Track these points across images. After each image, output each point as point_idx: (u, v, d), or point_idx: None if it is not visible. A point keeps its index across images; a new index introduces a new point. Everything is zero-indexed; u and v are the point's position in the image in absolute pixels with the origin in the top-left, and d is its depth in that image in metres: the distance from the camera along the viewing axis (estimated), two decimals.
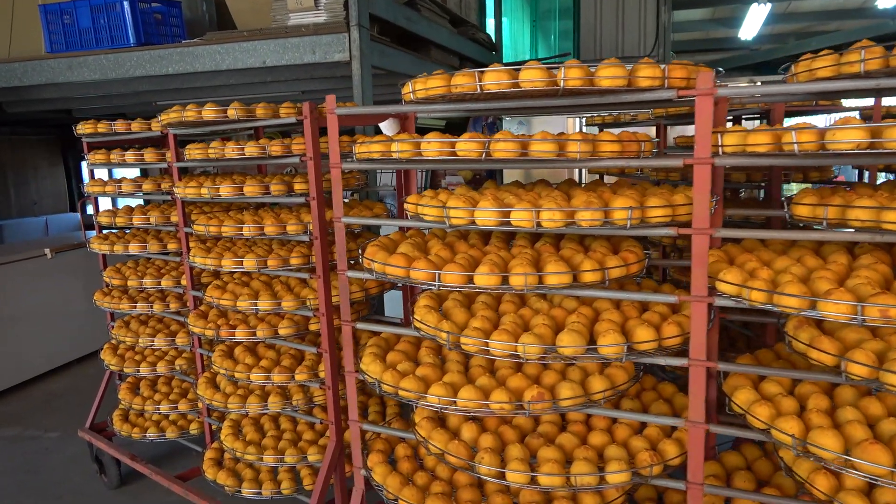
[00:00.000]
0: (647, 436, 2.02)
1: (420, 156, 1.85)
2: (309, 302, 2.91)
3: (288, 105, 2.90)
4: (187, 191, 3.09)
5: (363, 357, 2.29)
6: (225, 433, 3.29)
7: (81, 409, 5.32)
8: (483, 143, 1.75)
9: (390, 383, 2.05)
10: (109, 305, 3.84)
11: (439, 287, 1.89)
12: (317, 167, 2.73)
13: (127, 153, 3.53)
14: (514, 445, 1.96)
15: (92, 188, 3.79)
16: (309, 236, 2.82)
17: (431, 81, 1.85)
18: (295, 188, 2.97)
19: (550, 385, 1.95)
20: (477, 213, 1.80)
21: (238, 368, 3.04)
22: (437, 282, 1.88)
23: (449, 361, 2.19)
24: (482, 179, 7.54)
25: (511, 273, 1.84)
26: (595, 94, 1.75)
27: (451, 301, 2.19)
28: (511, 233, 2.36)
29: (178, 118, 2.97)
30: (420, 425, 2.14)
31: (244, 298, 2.97)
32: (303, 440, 3.18)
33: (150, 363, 3.79)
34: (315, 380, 2.98)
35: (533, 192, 2.08)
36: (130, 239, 3.85)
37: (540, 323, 1.92)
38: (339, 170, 2.19)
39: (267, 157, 2.84)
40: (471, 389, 1.91)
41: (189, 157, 3.03)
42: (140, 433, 3.88)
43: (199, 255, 3.12)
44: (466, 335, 1.88)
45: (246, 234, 2.89)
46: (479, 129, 7.36)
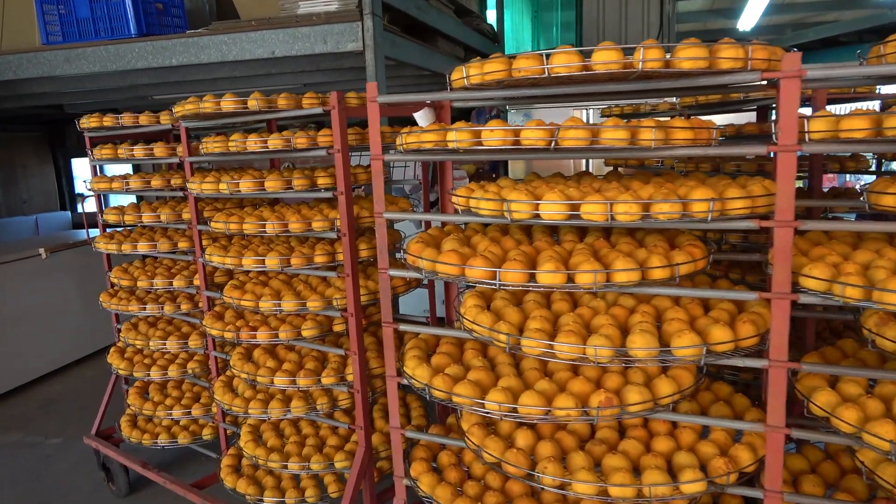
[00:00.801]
0: (714, 441, 1.91)
1: (479, 146, 1.72)
2: (336, 302, 2.78)
3: (311, 95, 2.76)
4: (204, 186, 2.93)
5: (406, 361, 2.16)
6: (244, 440, 3.15)
7: (82, 413, 5.16)
8: (551, 132, 1.62)
9: (442, 388, 1.93)
10: (117, 307, 3.67)
11: (499, 286, 1.77)
12: (345, 160, 2.59)
13: (136, 148, 3.37)
14: (577, 454, 1.84)
15: (98, 185, 3.63)
16: (337, 233, 2.68)
17: (489, 66, 1.72)
18: (318, 182, 2.83)
19: (614, 389, 1.84)
20: (543, 207, 1.67)
21: (261, 372, 2.89)
22: (496, 280, 1.76)
23: (500, 364, 2.07)
24: (485, 174, 7.42)
25: (577, 271, 1.72)
26: (671, 78, 1.64)
27: (501, 300, 2.07)
28: (552, 227, 2.25)
29: (195, 110, 2.81)
30: (471, 433, 2.02)
31: (267, 299, 2.82)
32: (328, 446, 3.05)
33: (160, 367, 3.63)
34: (342, 383, 2.85)
35: (580, 185, 1.96)
36: (138, 238, 3.69)
37: (605, 323, 1.80)
38: (380, 162, 2.05)
39: (292, 150, 2.70)
40: (533, 395, 1.79)
41: (207, 151, 2.88)
42: (151, 439, 3.72)
43: (216, 254, 2.97)
44: (528, 337, 1.76)
45: (269, 232, 2.75)
46: (482, 122, 7.23)
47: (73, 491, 4.01)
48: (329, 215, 2.77)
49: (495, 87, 1.82)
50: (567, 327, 1.78)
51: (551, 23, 8.28)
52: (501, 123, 1.76)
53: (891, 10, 9.70)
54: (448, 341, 2.27)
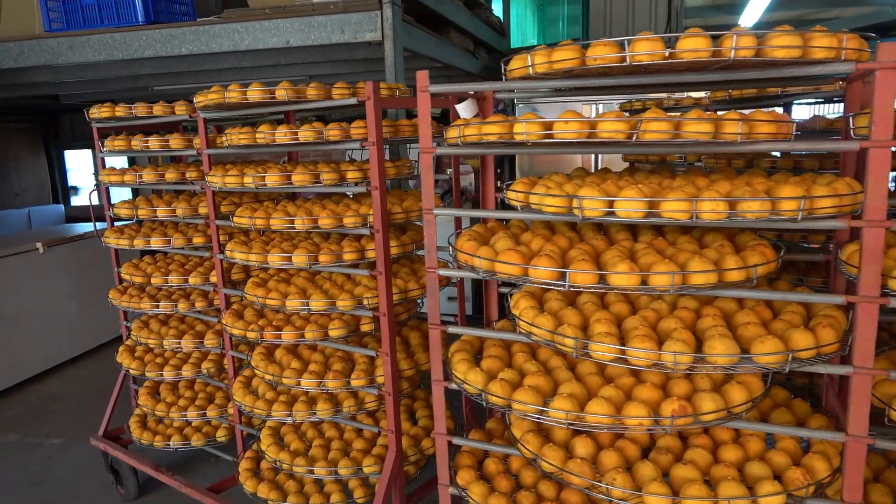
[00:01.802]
0: (784, 450, 1.83)
1: (550, 138, 1.62)
2: (366, 301, 2.67)
3: (342, 85, 2.64)
4: (227, 180, 2.81)
5: (455, 365, 2.05)
6: (266, 443, 3.03)
7: (82, 413, 5.01)
8: (633, 124, 1.52)
9: (500, 395, 1.82)
10: (128, 304, 3.54)
11: (568, 288, 1.67)
12: (380, 153, 2.48)
13: (151, 139, 3.23)
14: (644, 464, 1.75)
15: (108, 177, 3.48)
16: (370, 229, 2.57)
17: (559, 54, 1.62)
18: (347, 177, 2.71)
19: (683, 396, 1.75)
20: (619, 204, 1.57)
21: (286, 374, 2.78)
22: (565, 282, 1.66)
23: (554, 369, 1.97)
24: None
25: (653, 272, 1.62)
26: (758, 67, 1.54)
27: (556, 301, 1.97)
28: (599, 224, 2.16)
29: (218, 100, 2.68)
30: (526, 440, 1.92)
31: (294, 297, 2.71)
32: (354, 449, 2.94)
33: (173, 366, 3.50)
34: (372, 385, 2.74)
35: (641, 181, 1.86)
36: (149, 233, 3.55)
37: (676, 327, 1.71)
38: (430, 156, 1.94)
39: (324, 143, 2.58)
40: (602, 403, 1.69)
41: (232, 143, 2.75)
42: (162, 441, 3.60)
43: (238, 250, 2.85)
44: (599, 342, 1.66)
45: (299, 228, 2.63)
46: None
47: (78, 494, 3.87)
48: (359, 210, 2.66)
49: (561, 77, 1.72)
50: (637, 332, 1.68)
51: (557, 16, 8.18)
52: (621, 115, 1.65)
53: (892, 7, 9.69)
54: (495, 343, 2.17)
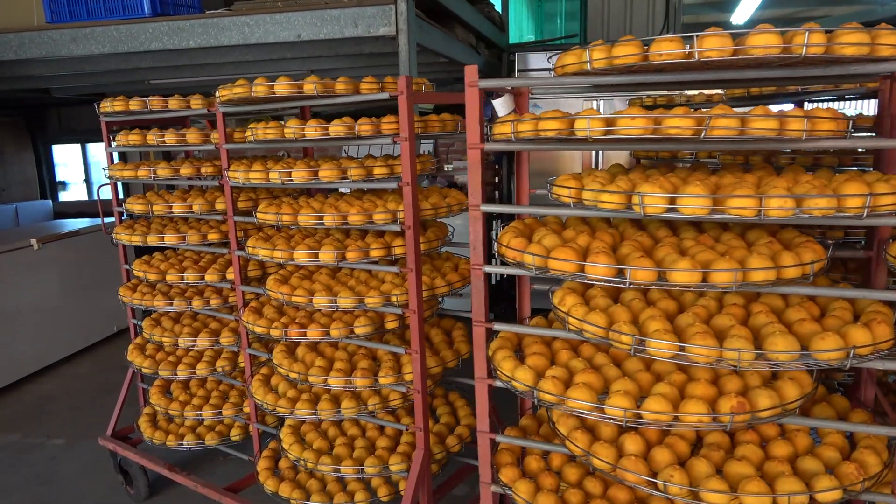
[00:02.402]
0: (833, 444, 1.84)
1: (612, 134, 1.60)
2: (395, 298, 2.64)
3: (370, 80, 2.61)
4: (252, 175, 2.76)
5: (500, 362, 2.04)
6: (288, 442, 3.00)
7: (81, 412, 4.93)
8: (701, 120, 1.52)
9: (553, 392, 1.81)
10: (140, 302, 3.47)
11: (629, 285, 1.66)
12: (412, 149, 2.46)
13: (167, 133, 3.17)
14: (699, 461, 1.75)
15: (121, 173, 3.41)
16: (400, 226, 2.55)
17: (620, 49, 1.61)
18: (374, 172, 2.68)
19: (738, 392, 1.75)
20: (684, 201, 1.57)
21: (312, 371, 2.75)
22: (626, 279, 1.65)
23: (602, 366, 1.96)
24: (489, 165, 7.29)
25: (714, 269, 1.62)
26: (824, 64, 1.55)
27: (601, 299, 1.96)
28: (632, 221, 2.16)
29: (243, 94, 2.64)
30: (574, 437, 1.91)
31: (321, 295, 2.67)
32: (379, 448, 2.92)
33: (187, 365, 3.45)
34: (400, 383, 2.72)
35: (688, 177, 1.86)
36: (161, 229, 3.49)
37: (732, 324, 1.71)
38: (478, 152, 1.92)
39: (354, 138, 2.55)
40: (660, 401, 1.69)
41: (259, 138, 2.70)
42: (175, 441, 3.54)
43: (261, 247, 2.81)
44: (658, 339, 1.66)
45: (328, 224, 2.60)
46: (488, 114, 7.12)
47: (86, 495, 3.80)
48: (387, 206, 2.64)
49: (618, 73, 1.71)
50: (695, 329, 1.68)
51: (554, 13, 8.19)
52: (688, 111, 1.63)
53: (881, 5, 9.83)
54: (535, 340, 2.15)
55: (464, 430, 3.04)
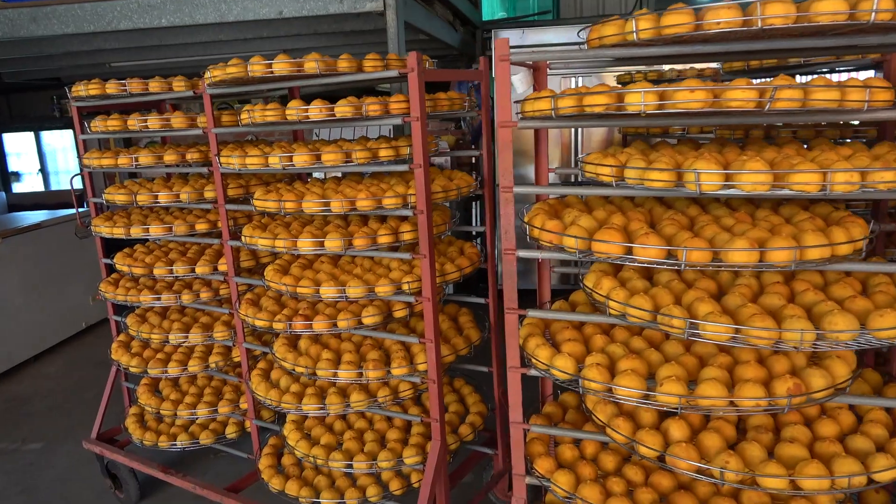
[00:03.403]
0: (878, 421, 1.81)
1: (664, 108, 1.52)
2: (407, 286, 2.53)
3: (374, 57, 2.47)
4: (249, 161, 2.61)
5: (534, 351, 1.96)
6: (293, 438, 2.88)
7: (56, 414, 4.71)
8: (765, 92, 1.44)
9: (599, 381, 1.74)
10: (125, 297, 3.28)
11: (685, 267, 1.59)
12: (423, 129, 2.34)
13: (150, 118, 2.97)
14: (751, 445, 1.70)
15: (98, 161, 3.20)
16: (412, 210, 2.43)
17: (671, 18, 1.52)
18: (380, 155, 2.56)
19: (787, 373, 1.70)
20: (742, 178, 1.50)
21: (321, 365, 2.63)
22: (681, 261, 1.58)
23: (643, 351, 1.90)
24: (465, 145, 7.17)
25: (770, 248, 1.56)
26: (880, 32, 1.48)
27: (639, 281, 1.89)
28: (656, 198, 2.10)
29: (238, 74, 2.47)
30: (617, 425, 1.85)
31: (329, 285, 2.55)
32: (390, 440, 2.82)
33: (178, 362, 3.28)
34: (414, 374, 2.62)
35: (732, 152, 1.80)
36: (143, 219, 3.30)
37: (782, 304, 1.66)
38: (509, 131, 1.82)
39: (363, 119, 2.41)
40: (715, 385, 1.63)
41: (257, 121, 2.54)
42: (168, 441, 3.39)
43: (259, 236, 2.66)
44: (714, 322, 1.59)
45: (335, 210, 2.47)
46: (464, 90, 6.98)
47: (73, 501, 3.62)
48: (396, 190, 2.51)
49: (666, 43, 1.62)
50: (749, 309, 1.62)
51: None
52: (749, 82, 1.55)
53: None
54: (566, 325, 2.08)
55: (475, 419, 2.97)
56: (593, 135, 6.14)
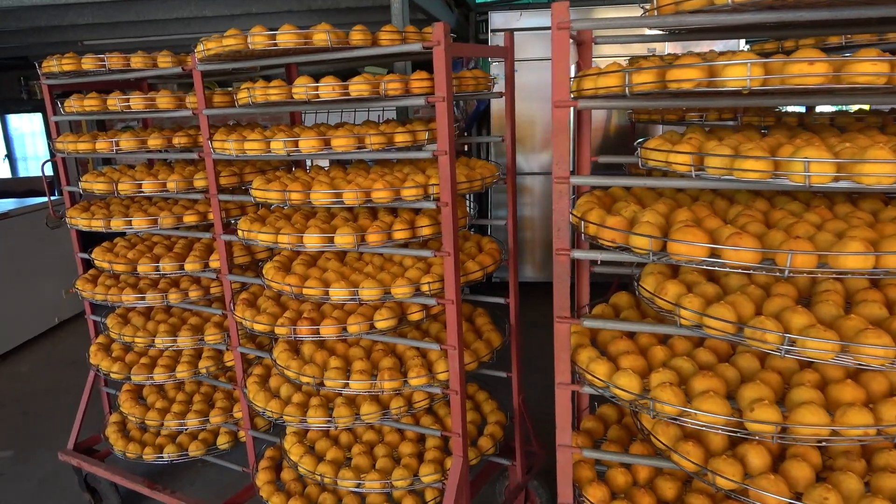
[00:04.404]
0: None
1: (779, 84, 1.27)
2: (428, 287, 2.27)
3: (390, 29, 2.19)
4: (248, 146, 2.31)
5: (588, 365, 1.71)
6: (296, 453, 2.61)
7: (28, 419, 4.37)
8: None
9: (674, 403, 1.50)
10: (105, 297, 2.97)
11: (789, 274, 1.35)
12: (450, 110, 2.07)
13: (133, 97, 2.65)
14: (847, 477, 1.48)
15: (73, 146, 2.87)
16: (435, 203, 2.16)
17: None
18: (396, 140, 2.28)
19: (885, 393, 1.48)
20: (869, 168, 1.25)
21: (330, 375, 2.36)
22: (786, 267, 1.34)
23: (715, 367, 1.66)
24: (459, 130, 6.89)
25: (886, 252, 1.33)
26: None
27: (708, 285, 1.65)
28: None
29: (237, 46, 2.17)
30: (685, 450, 1.61)
31: (340, 286, 2.27)
32: (404, 455, 2.57)
33: (165, 367, 2.99)
34: (434, 384, 2.36)
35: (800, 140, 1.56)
36: (124, 210, 2.99)
37: (883, 314, 1.43)
38: (565, 112, 1.56)
39: (381, 98, 2.13)
40: (815, 412, 1.40)
41: (258, 100, 2.25)
42: (153, 453, 3.09)
43: (259, 230, 2.37)
44: (817, 337, 1.36)
45: (348, 202, 2.19)
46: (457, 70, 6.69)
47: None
48: (415, 179, 2.24)
49: (760, 9, 1.36)
50: (853, 322, 1.39)
51: None
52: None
53: None
54: (619, 335, 1.84)
55: (495, 429, 2.73)
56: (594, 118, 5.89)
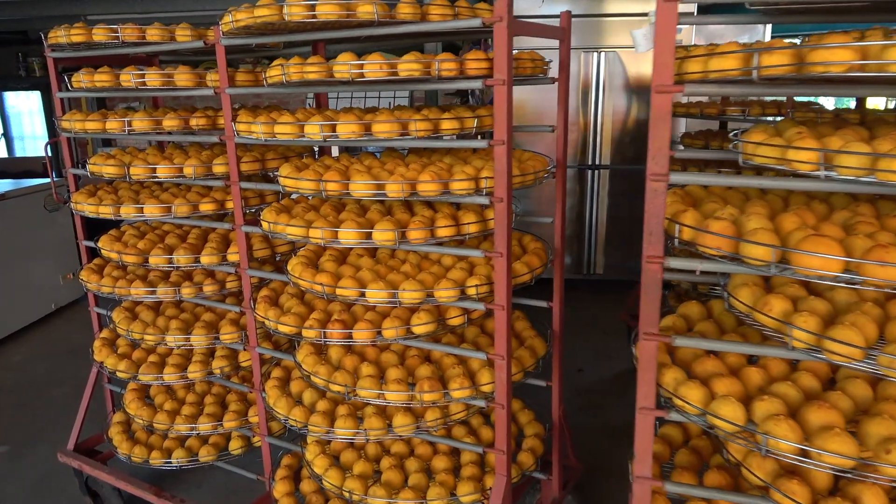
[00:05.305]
0: None
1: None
2: (475, 290, 2.05)
3: (441, 2, 1.97)
4: (279, 129, 2.08)
5: (680, 390, 1.50)
6: (321, 465, 2.40)
7: (24, 412, 4.15)
8: None
9: (792, 440, 1.29)
10: (112, 290, 2.75)
11: None
12: (509, 95, 1.85)
13: (149, 72, 2.42)
14: None
15: (81, 124, 2.63)
16: (489, 198, 1.94)
17: None
18: (442, 128, 2.06)
19: None
20: None
21: (363, 384, 2.15)
22: None
23: (832, 393, 1.45)
24: None
25: None
26: None
27: (816, 300, 1.44)
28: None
29: (269, 19, 1.94)
30: (791, 490, 1.40)
31: (377, 286, 2.06)
32: (438, 471, 2.36)
33: (176, 366, 2.77)
34: (478, 396, 2.15)
35: None
36: (134, 196, 2.76)
37: None
38: (668, 98, 1.34)
39: (431, 80, 1.91)
40: None
41: (293, 79, 2.01)
42: (161, 457, 2.88)
43: (287, 224, 2.15)
44: None
45: (392, 195, 1.97)
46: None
47: None
48: (465, 171, 2.02)
49: None
50: None
51: None
52: None
53: None
54: (704, 354, 1.63)
55: (535, 443, 2.53)
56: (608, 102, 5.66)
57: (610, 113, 5.65)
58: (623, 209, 5.83)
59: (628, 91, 5.59)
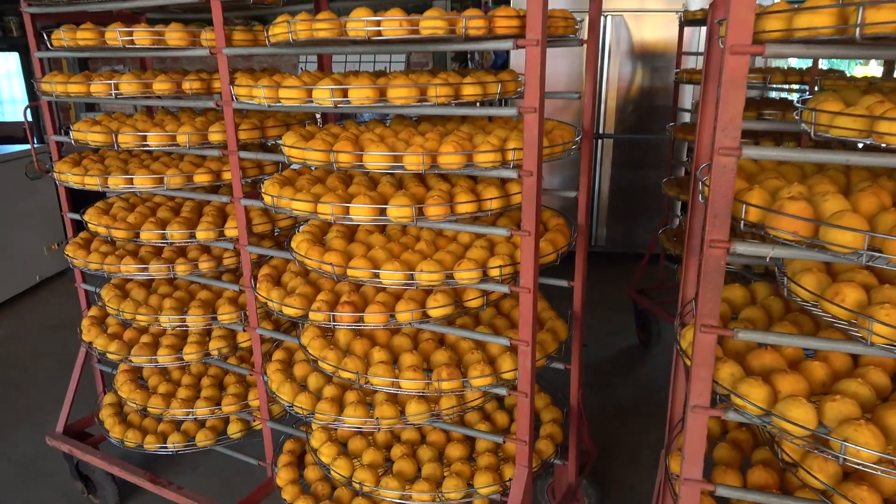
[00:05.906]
0: None
1: None
2: (499, 271, 1.90)
3: None
4: (284, 94, 1.89)
5: (739, 387, 1.36)
6: (328, 454, 2.26)
7: (7, 391, 4.02)
8: None
9: (874, 448, 1.16)
10: (101, 266, 2.56)
11: None
12: (542, 57, 1.67)
13: (137, 29, 2.20)
14: None
15: (63, 87, 2.41)
16: (516, 171, 1.77)
17: None
18: (463, 93, 1.88)
19: None
20: None
21: (375, 371, 2.00)
22: None
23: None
24: None
25: None
26: None
27: (890, 289, 1.30)
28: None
29: None
30: (861, 497, 1.28)
31: (392, 267, 1.90)
32: (454, 460, 2.24)
33: (170, 347, 2.60)
34: (500, 384, 2.01)
35: None
36: (122, 165, 2.56)
37: None
38: (745, 60, 1.17)
39: (456, 39, 1.72)
40: None
41: (301, 37, 1.81)
42: (156, 441, 2.73)
43: (292, 198, 1.97)
44: None
45: (411, 168, 1.79)
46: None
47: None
48: (490, 141, 1.85)
49: None
50: None
51: None
52: None
53: None
54: (755, 344, 1.49)
55: (553, 430, 2.40)
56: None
57: (615, 80, 5.46)
58: (627, 180, 5.68)
59: (633, 57, 5.39)
